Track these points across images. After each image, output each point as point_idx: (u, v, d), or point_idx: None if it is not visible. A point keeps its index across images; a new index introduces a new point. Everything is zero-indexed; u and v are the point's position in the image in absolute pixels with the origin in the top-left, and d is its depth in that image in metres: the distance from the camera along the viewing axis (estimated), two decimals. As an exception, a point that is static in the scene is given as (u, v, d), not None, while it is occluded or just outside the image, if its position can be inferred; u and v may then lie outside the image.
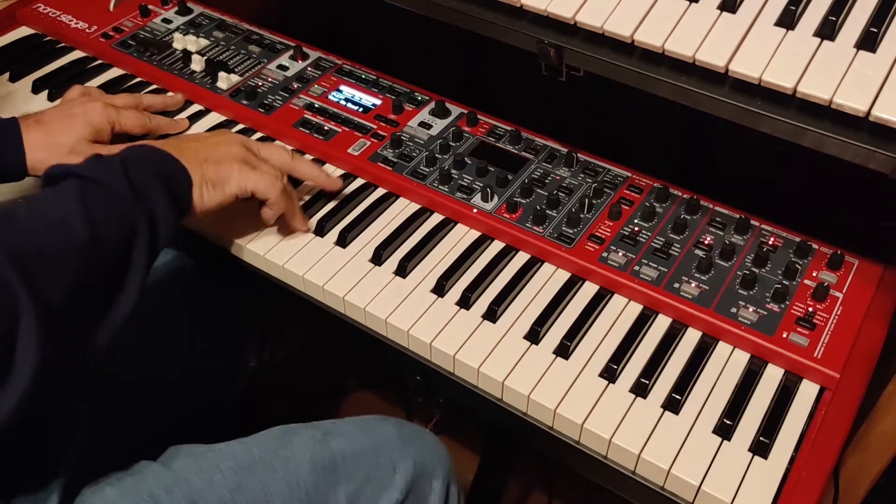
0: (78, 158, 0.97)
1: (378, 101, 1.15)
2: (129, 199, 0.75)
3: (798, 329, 0.87)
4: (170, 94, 1.17)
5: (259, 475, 0.83)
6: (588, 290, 0.94)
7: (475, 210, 1.00)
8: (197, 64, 1.20)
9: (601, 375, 0.85)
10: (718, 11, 0.81)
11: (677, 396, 0.82)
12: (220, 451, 0.86)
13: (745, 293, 0.90)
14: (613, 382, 0.84)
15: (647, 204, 0.99)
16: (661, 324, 0.90)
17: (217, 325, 1.11)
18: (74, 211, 0.71)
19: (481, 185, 1.02)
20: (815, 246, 0.95)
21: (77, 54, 1.27)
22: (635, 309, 0.92)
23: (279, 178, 0.92)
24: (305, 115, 1.13)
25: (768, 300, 0.89)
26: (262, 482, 0.83)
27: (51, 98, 1.18)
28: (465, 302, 0.91)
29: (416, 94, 1.16)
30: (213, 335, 1.11)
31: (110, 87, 1.19)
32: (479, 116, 1.12)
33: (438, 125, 1.11)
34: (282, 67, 1.21)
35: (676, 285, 0.91)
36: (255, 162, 0.92)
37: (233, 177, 0.88)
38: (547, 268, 0.96)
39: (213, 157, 0.87)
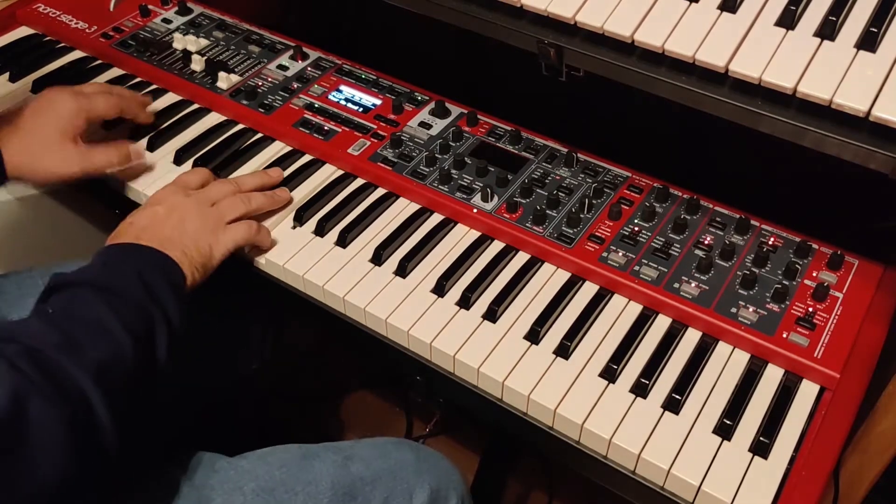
0: (53, 162, 0.98)
1: (378, 101, 1.15)
2: (148, 303, 0.79)
3: (798, 329, 0.87)
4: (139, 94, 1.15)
5: (279, 497, 0.85)
6: (588, 290, 0.94)
7: (475, 210, 1.00)
8: (197, 64, 1.20)
9: (601, 375, 0.85)
10: (718, 11, 0.81)
11: (677, 396, 0.82)
12: (242, 469, 0.87)
13: (745, 293, 0.90)
14: (613, 382, 0.84)
15: (647, 204, 0.99)
16: (661, 324, 0.90)
17: (217, 325, 1.11)
18: (116, 326, 0.75)
19: (481, 185, 1.02)
20: (815, 246, 0.95)
21: (77, 54, 1.27)
22: (635, 309, 0.92)
23: (248, 209, 0.96)
24: (305, 115, 1.13)
25: (768, 300, 0.89)
26: None
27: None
28: (465, 302, 0.91)
29: (416, 94, 1.16)
30: (213, 335, 1.11)
31: (110, 87, 1.19)
32: (479, 116, 1.12)
33: (438, 125, 1.11)
34: (282, 67, 1.21)
35: (676, 285, 0.91)
36: (218, 212, 0.94)
37: (214, 252, 0.91)
38: (547, 268, 0.96)
39: (190, 239, 0.89)
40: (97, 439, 0.70)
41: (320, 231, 1.00)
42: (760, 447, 0.79)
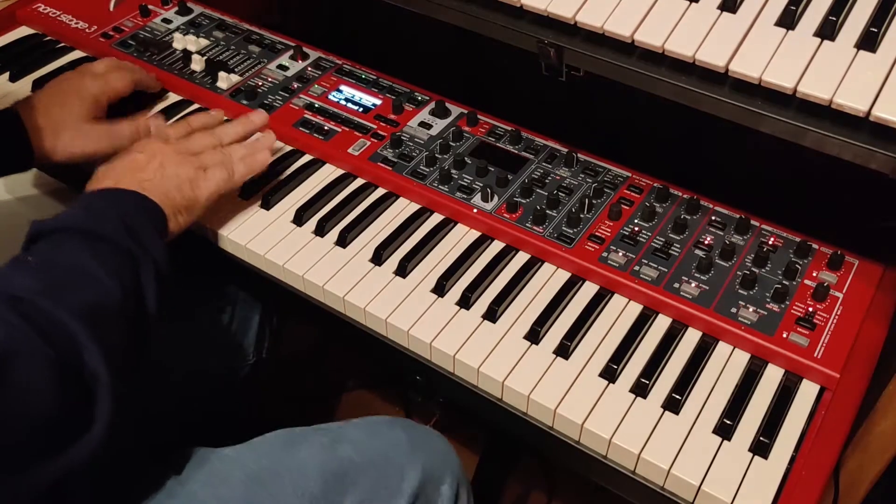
0: (85, 140, 1.02)
1: (378, 101, 1.15)
2: (133, 247, 0.78)
3: (798, 329, 0.87)
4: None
5: (267, 485, 0.83)
6: (588, 290, 0.94)
7: (475, 210, 1.00)
8: (197, 64, 1.20)
9: (601, 375, 0.85)
10: (718, 11, 0.81)
11: (677, 396, 0.82)
12: (228, 458, 0.86)
13: (745, 293, 0.90)
14: (613, 382, 0.84)
15: (647, 204, 0.99)
16: (661, 324, 0.90)
17: (216, 325, 1.11)
18: (100, 270, 0.74)
19: (481, 185, 1.02)
20: (815, 246, 0.95)
21: (77, 54, 1.27)
22: (635, 309, 0.92)
23: (225, 161, 0.95)
24: (305, 115, 1.13)
25: (768, 300, 0.89)
26: (270, 492, 0.83)
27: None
28: (465, 302, 0.91)
29: (416, 94, 1.16)
30: (212, 334, 1.11)
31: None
32: (479, 116, 1.12)
33: (438, 125, 1.11)
34: (282, 67, 1.21)
35: (676, 285, 0.91)
36: (198, 160, 0.94)
37: (197, 195, 0.91)
38: (547, 268, 0.96)
39: (173, 184, 0.89)
40: (90, 384, 0.67)
41: (320, 231, 1.00)
42: (760, 447, 0.79)
